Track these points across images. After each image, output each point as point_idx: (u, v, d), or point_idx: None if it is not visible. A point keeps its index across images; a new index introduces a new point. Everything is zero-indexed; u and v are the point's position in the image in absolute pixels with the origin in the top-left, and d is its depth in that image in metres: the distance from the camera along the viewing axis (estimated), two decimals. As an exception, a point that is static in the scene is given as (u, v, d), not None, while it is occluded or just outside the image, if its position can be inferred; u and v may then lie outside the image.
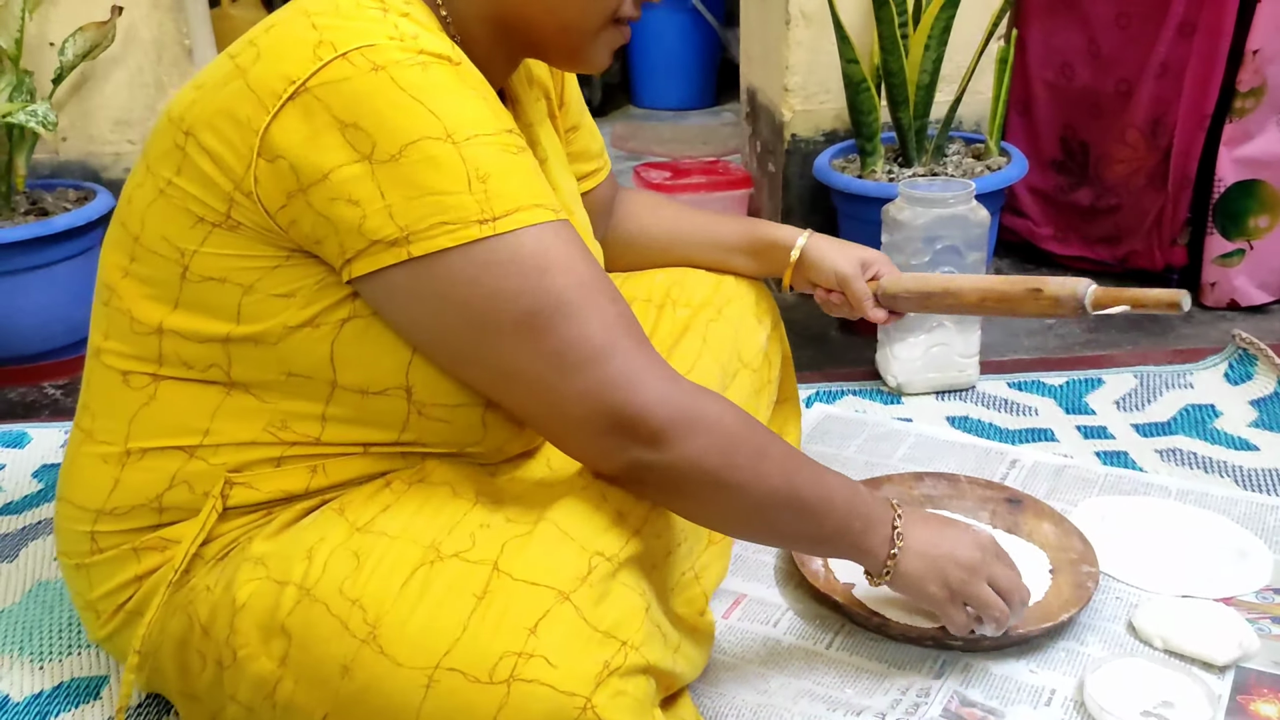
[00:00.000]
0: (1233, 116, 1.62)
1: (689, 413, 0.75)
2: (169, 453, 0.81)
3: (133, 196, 0.81)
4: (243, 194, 0.74)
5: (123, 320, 0.81)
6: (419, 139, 0.70)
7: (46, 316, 1.68)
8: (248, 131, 0.72)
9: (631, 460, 0.75)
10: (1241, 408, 1.40)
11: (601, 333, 0.73)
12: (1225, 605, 1.03)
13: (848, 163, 1.77)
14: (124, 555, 0.84)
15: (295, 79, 0.71)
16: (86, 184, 1.78)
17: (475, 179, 0.71)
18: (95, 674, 1.02)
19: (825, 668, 0.98)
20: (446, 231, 0.70)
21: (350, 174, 0.70)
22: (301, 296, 0.76)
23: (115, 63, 1.76)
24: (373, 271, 0.72)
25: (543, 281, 0.72)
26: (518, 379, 0.75)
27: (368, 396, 0.79)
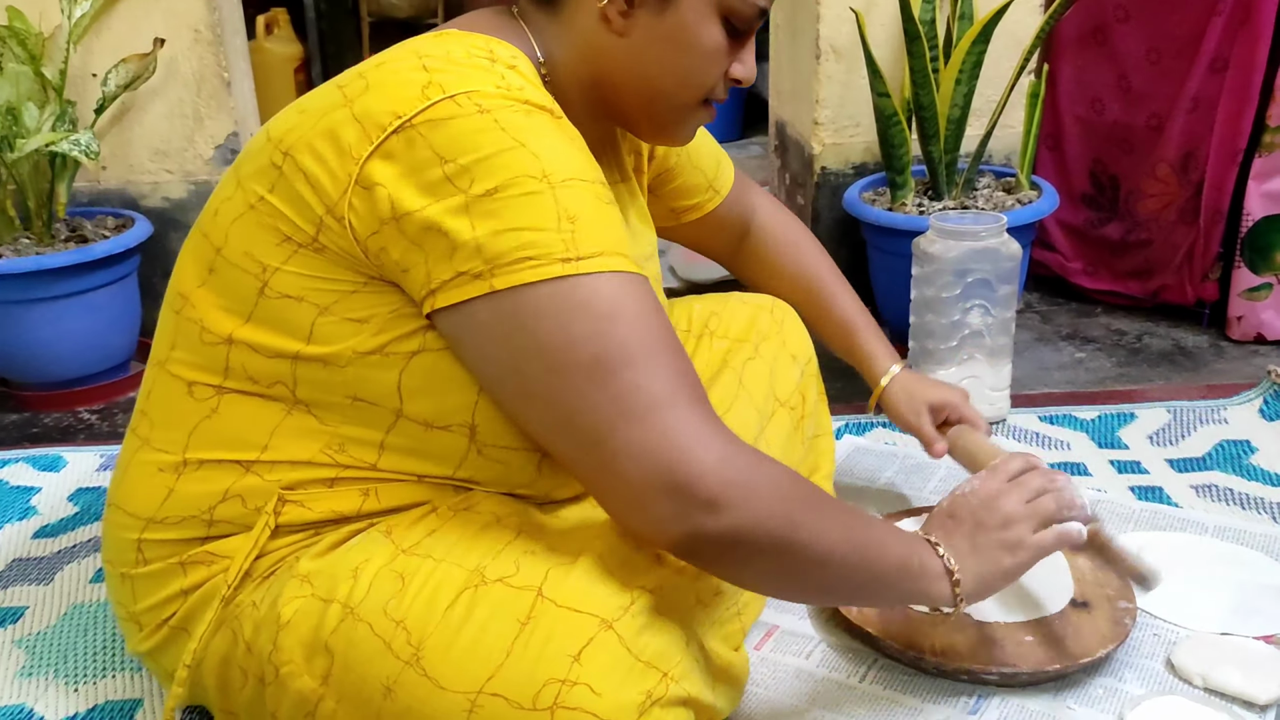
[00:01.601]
0: (1262, 151, 1.62)
1: (748, 475, 0.72)
2: (226, 466, 0.82)
3: (220, 209, 0.82)
4: (334, 218, 0.75)
5: (193, 330, 0.82)
6: (516, 176, 0.71)
7: (84, 343, 1.70)
8: (348, 159, 0.74)
9: (689, 529, 0.71)
10: (1278, 444, 1.38)
11: (663, 386, 0.72)
12: (1266, 643, 1.01)
13: (877, 195, 1.78)
14: (170, 569, 0.84)
15: (401, 114, 0.73)
16: (125, 212, 1.81)
17: (564, 219, 0.72)
18: (129, 697, 1.03)
19: (858, 701, 0.97)
20: (530, 266, 0.71)
21: (446, 207, 0.71)
22: (374, 323, 0.77)
23: (155, 94, 1.80)
24: (456, 303, 0.73)
25: (613, 327, 0.72)
26: (576, 428, 0.72)
27: (431, 430, 0.80)
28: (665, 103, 0.86)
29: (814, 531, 0.76)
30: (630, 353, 0.72)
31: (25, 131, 1.63)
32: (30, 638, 1.12)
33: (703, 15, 0.82)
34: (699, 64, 0.84)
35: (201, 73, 1.80)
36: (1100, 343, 1.76)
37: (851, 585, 0.81)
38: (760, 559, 0.74)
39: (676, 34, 0.82)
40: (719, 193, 1.16)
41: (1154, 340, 1.76)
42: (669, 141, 0.91)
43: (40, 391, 1.71)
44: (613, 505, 0.75)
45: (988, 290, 1.40)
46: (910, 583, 0.83)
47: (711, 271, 1.90)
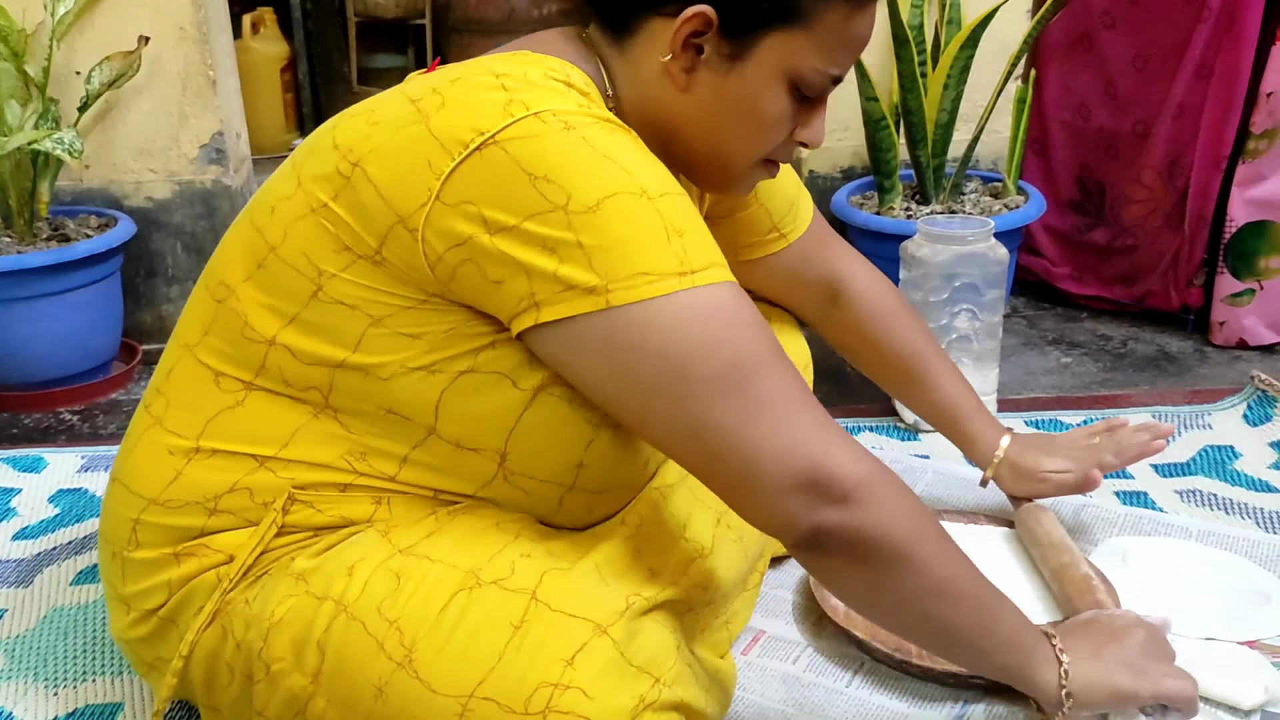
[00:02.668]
0: (1245, 158, 1.63)
1: (879, 477, 0.74)
2: (240, 458, 0.80)
3: (277, 207, 0.80)
4: (407, 230, 0.73)
5: (235, 322, 0.80)
6: (616, 193, 0.71)
7: (65, 343, 1.68)
8: (428, 174, 0.72)
9: (819, 522, 0.72)
10: (1261, 449, 1.39)
11: (794, 389, 0.73)
12: (1250, 648, 1.02)
13: (865, 199, 1.78)
14: (162, 559, 0.83)
15: (484, 131, 0.71)
16: (108, 211, 1.79)
17: (673, 233, 0.71)
18: (110, 700, 1.02)
19: (845, 706, 0.97)
20: (648, 281, 0.70)
21: (546, 222, 0.70)
22: (427, 340, 0.76)
23: (139, 92, 1.78)
24: (562, 319, 0.71)
25: (743, 334, 0.72)
26: (709, 433, 0.71)
27: (461, 450, 0.79)
28: (723, 162, 0.86)
29: (936, 552, 0.76)
30: (760, 359, 0.72)
31: (7, 129, 1.62)
32: (9, 641, 1.10)
33: (769, 81, 0.80)
34: (761, 130, 0.83)
35: (186, 71, 1.78)
36: (1086, 348, 1.77)
37: (957, 626, 0.79)
38: (880, 564, 0.74)
39: (740, 98, 0.81)
40: (785, 236, 1.11)
41: (1139, 345, 1.76)
42: (725, 194, 0.90)
43: (20, 392, 1.70)
44: (745, 504, 0.75)
45: (975, 295, 1.41)
46: (1016, 655, 0.81)
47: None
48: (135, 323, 1.87)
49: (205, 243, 1.86)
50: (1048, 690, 0.82)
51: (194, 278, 1.87)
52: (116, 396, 1.74)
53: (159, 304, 1.89)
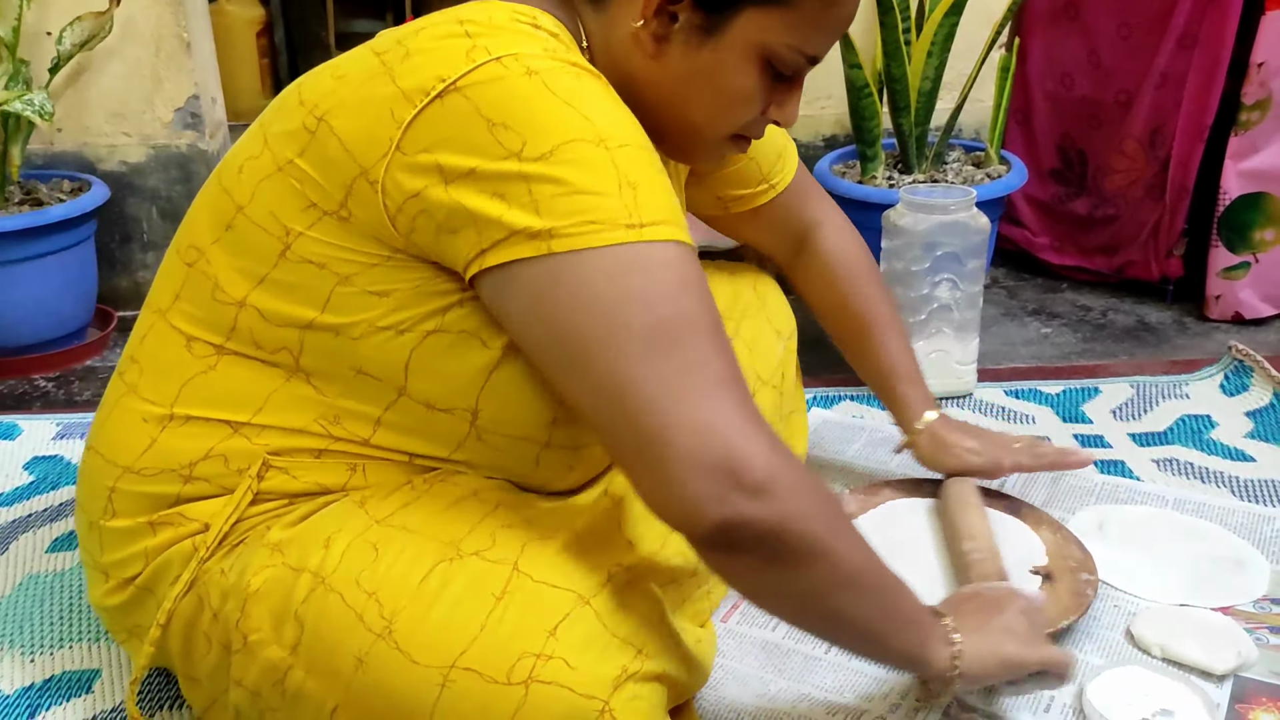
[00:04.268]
0: (1238, 129, 1.63)
1: (793, 469, 0.70)
2: (213, 424, 0.80)
3: (244, 167, 0.79)
4: (368, 182, 0.72)
5: (205, 285, 0.79)
6: (571, 140, 0.69)
7: (38, 308, 1.66)
8: (390, 124, 0.71)
9: (729, 514, 0.67)
10: (1238, 419, 1.40)
11: (725, 364, 0.70)
12: (1223, 614, 1.03)
13: (848, 168, 1.77)
14: (138, 528, 0.82)
15: (446, 77, 0.70)
16: (81, 175, 1.77)
17: (625, 184, 0.69)
18: (88, 667, 1.01)
19: (824, 672, 0.97)
20: (594, 230, 0.68)
21: (498, 169, 0.69)
22: (395, 298, 0.75)
23: (112, 54, 1.75)
24: (505, 263, 0.70)
25: (683, 296, 0.69)
26: (629, 392, 0.68)
27: (432, 411, 0.78)
28: (689, 133, 0.83)
29: (848, 545, 0.73)
30: (696, 325, 0.69)
31: (-23, 90, 1.59)
32: (-16, 608, 1.09)
33: (742, 57, 0.77)
34: (731, 106, 0.81)
35: (160, 33, 1.75)
36: (1066, 318, 1.77)
37: (862, 618, 0.76)
38: (791, 560, 0.71)
39: (711, 72, 0.78)
40: (774, 187, 1.10)
41: (1119, 316, 1.77)
42: (692, 164, 0.87)
43: (-6, 358, 1.68)
44: (649, 482, 0.70)
45: (956, 264, 1.40)
46: (912, 639, 0.79)
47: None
48: (110, 289, 1.85)
49: (181, 208, 1.84)
50: (938, 666, 0.80)
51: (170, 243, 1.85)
52: (92, 363, 1.72)
53: (134, 270, 1.87)
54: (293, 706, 0.74)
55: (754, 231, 1.14)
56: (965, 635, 0.81)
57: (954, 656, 0.80)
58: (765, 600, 0.76)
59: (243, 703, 0.77)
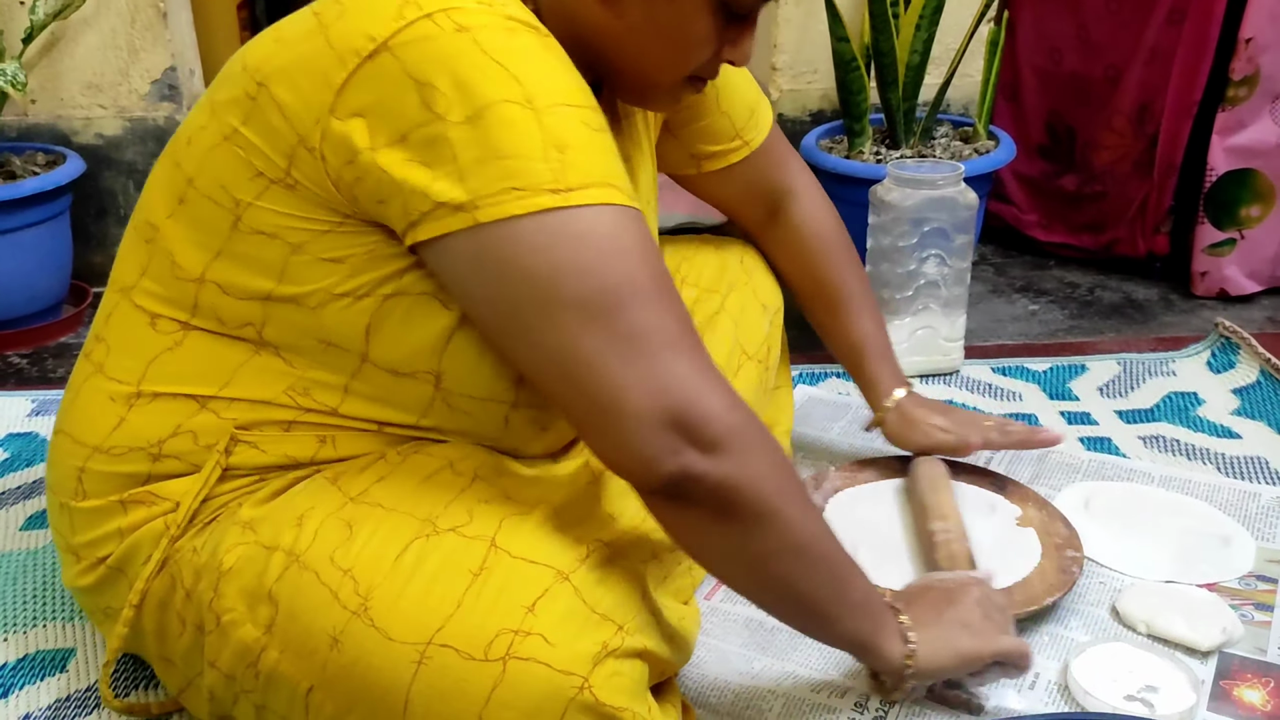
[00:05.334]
0: (1225, 105, 1.62)
1: (750, 428, 0.70)
2: (181, 400, 0.78)
3: (193, 138, 0.78)
4: (306, 149, 0.71)
5: (164, 262, 0.78)
6: (497, 101, 0.67)
7: (12, 284, 1.63)
8: (323, 87, 0.69)
9: (682, 467, 0.68)
10: (1224, 396, 1.40)
11: (674, 324, 0.69)
12: (1209, 591, 1.02)
13: (835, 143, 1.76)
14: (110, 507, 0.81)
15: (377, 37, 0.68)
16: (56, 148, 1.73)
17: (552, 147, 0.67)
18: (62, 646, 1.00)
19: (809, 650, 0.97)
20: (516, 197, 0.67)
21: (424, 135, 0.67)
22: (350, 264, 0.74)
23: (87, 24, 1.72)
24: (436, 237, 0.69)
25: (620, 261, 0.68)
26: (574, 362, 0.68)
27: (396, 376, 0.77)
28: (644, 78, 0.82)
29: (800, 512, 0.73)
30: (637, 289, 0.68)
31: (-53, 60, 1.56)
32: (-44, 587, 1.08)
33: (696, 2, 0.76)
34: (686, 51, 0.80)
35: (136, 3, 1.71)
36: (1053, 295, 1.77)
37: (811, 590, 0.76)
38: (742, 520, 0.71)
39: (666, 16, 0.77)
40: (748, 144, 1.08)
41: (1106, 293, 1.76)
42: (649, 109, 0.86)
43: (-32, 334, 1.65)
44: (602, 441, 0.70)
45: (944, 240, 1.39)
46: (864, 623, 0.79)
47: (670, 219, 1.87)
48: (86, 264, 1.82)
49: (159, 182, 1.81)
50: (891, 660, 0.80)
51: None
52: (66, 340, 1.69)
53: (110, 245, 1.84)
54: (267, 688, 0.73)
55: (727, 192, 1.12)
56: (920, 630, 0.81)
57: (907, 655, 0.80)
58: (712, 561, 0.77)
59: (217, 685, 0.76)
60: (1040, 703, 0.90)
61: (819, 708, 0.88)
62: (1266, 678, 0.92)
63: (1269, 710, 0.89)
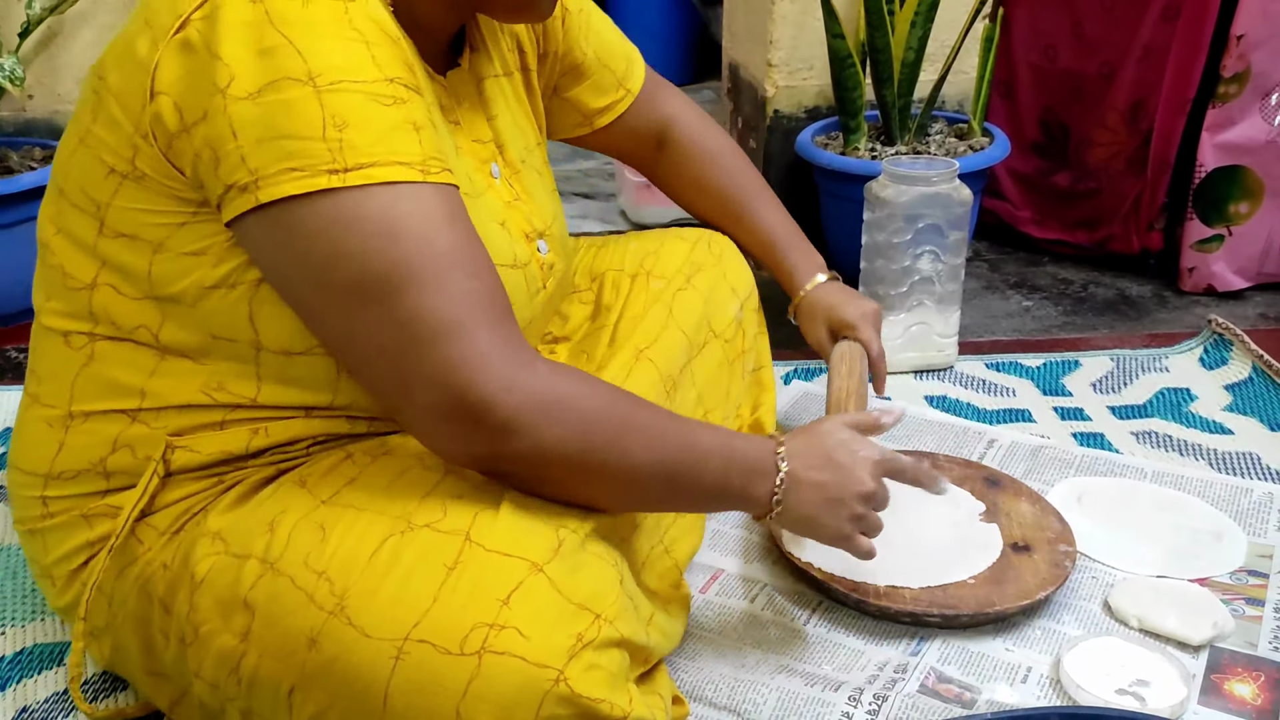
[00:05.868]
0: (1216, 102, 1.62)
1: (541, 396, 0.70)
2: (111, 416, 0.79)
3: (61, 147, 0.78)
4: (140, 136, 0.71)
5: (57, 277, 0.79)
6: (278, 79, 0.66)
7: (10, 278, 1.63)
8: (142, 71, 0.70)
9: (483, 451, 0.71)
10: (1216, 392, 1.41)
11: (449, 309, 0.68)
12: (1200, 586, 1.03)
13: (830, 140, 1.76)
14: (74, 521, 0.82)
15: (182, 13, 0.68)
16: (53, 143, 1.73)
17: (332, 125, 0.66)
18: (57, 640, 1.00)
19: (803, 644, 0.97)
20: (293, 178, 0.66)
21: (210, 115, 0.67)
22: (213, 254, 0.73)
23: (84, 19, 1.72)
24: (233, 219, 0.69)
25: (389, 246, 0.67)
26: (354, 348, 0.70)
27: (292, 357, 0.77)
28: None
29: (617, 451, 0.74)
30: (413, 274, 0.67)
31: (-57, 55, 1.56)
32: (-46, 581, 1.08)
33: None
34: None
35: (132, -2, 1.72)
36: (1047, 291, 1.77)
37: (664, 501, 0.82)
38: (559, 479, 0.74)
39: None
40: (630, 92, 1.10)
41: (1099, 290, 1.77)
42: (528, 17, 0.85)
43: (-35, 329, 1.65)
44: (412, 428, 0.73)
45: (938, 236, 1.40)
46: (723, 500, 0.84)
47: (664, 214, 1.88)
48: (83, 259, 1.82)
49: (155, 177, 1.81)
50: (758, 501, 0.83)
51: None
52: (58, 339, 1.69)
53: (108, 240, 1.84)
54: (250, 692, 0.73)
55: (619, 141, 1.14)
56: (792, 487, 0.83)
57: (774, 506, 0.83)
58: (560, 501, 0.76)
59: (204, 695, 0.77)
60: (1032, 696, 0.91)
61: (813, 701, 0.89)
62: (1257, 672, 0.93)
63: (1259, 704, 0.90)
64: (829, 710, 0.88)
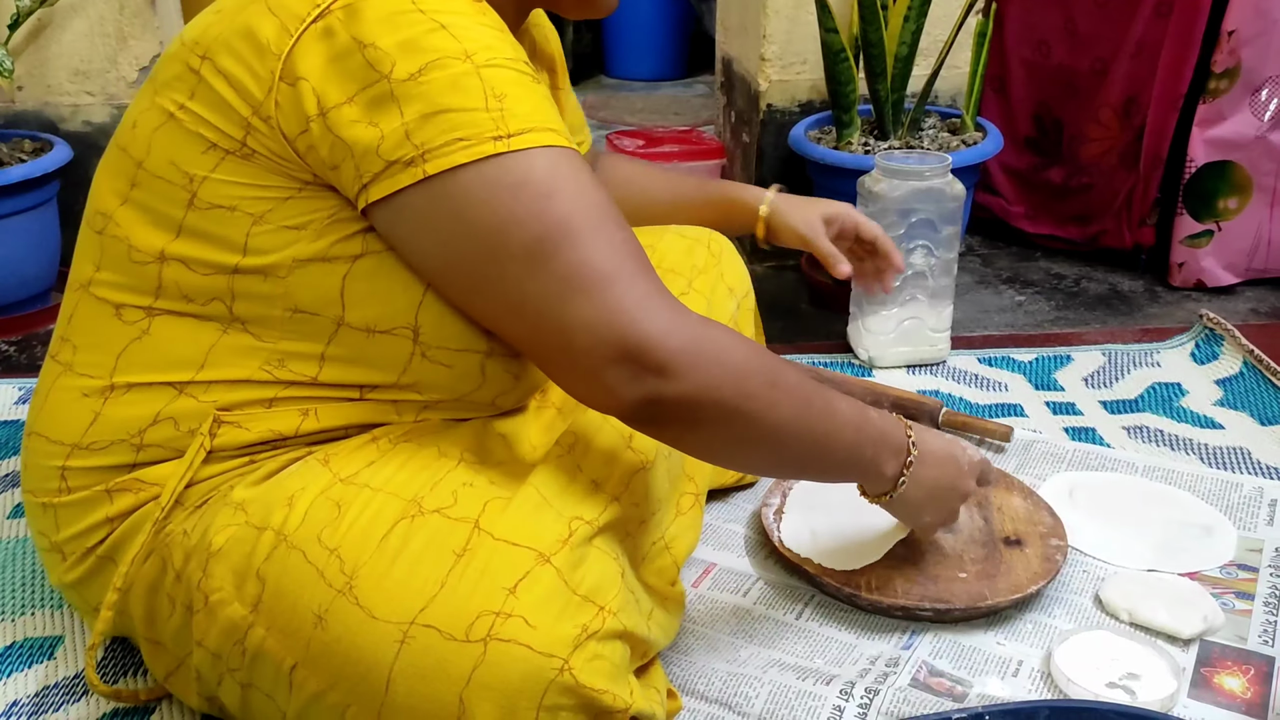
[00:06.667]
0: (1206, 97, 1.63)
1: (699, 341, 0.73)
2: (157, 388, 0.79)
3: (138, 121, 0.78)
4: (261, 119, 0.72)
5: (119, 249, 0.78)
6: (440, 58, 0.70)
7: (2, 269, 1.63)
8: (269, 56, 0.71)
9: (643, 394, 0.72)
10: (1207, 387, 1.41)
11: (608, 258, 0.71)
12: (1190, 580, 1.04)
13: (823, 134, 1.76)
14: (95, 497, 0.81)
15: (319, 3, 0.71)
16: (43, 135, 1.73)
17: (492, 97, 0.70)
18: (50, 633, 1.00)
19: (795, 637, 0.97)
20: (462, 147, 0.69)
21: (370, 96, 0.70)
22: (313, 229, 0.75)
23: (75, 11, 1.71)
24: (389, 195, 0.71)
25: (551, 204, 0.71)
26: (524, 308, 0.72)
27: (373, 335, 0.78)
28: None
29: (766, 403, 0.76)
30: (573, 228, 0.71)
31: (-67, 46, 1.55)
32: (-56, 574, 1.08)
33: None
34: None
35: (124, -11, 1.71)
36: (1039, 286, 1.78)
37: (799, 460, 0.83)
38: (711, 425, 0.75)
39: None
40: (588, 138, 1.16)
41: (1092, 285, 1.77)
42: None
43: (-45, 322, 1.64)
44: (568, 380, 0.75)
45: (931, 231, 1.40)
46: (853, 470, 0.87)
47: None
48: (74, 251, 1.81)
49: (146, 170, 1.80)
50: (885, 478, 0.88)
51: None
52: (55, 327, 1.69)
53: (99, 233, 1.83)
54: (252, 666, 0.73)
55: None
56: (917, 473, 0.89)
57: (898, 485, 0.88)
58: (701, 456, 0.82)
59: (204, 665, 0.77)
60: (1024, 690, 0.91)
61: (805, 694, 0.89)
62: (1246, 665, 0.93)
63: (1249, 697, 0.90)
64: (821, 704, 0.88)
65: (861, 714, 0.87)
